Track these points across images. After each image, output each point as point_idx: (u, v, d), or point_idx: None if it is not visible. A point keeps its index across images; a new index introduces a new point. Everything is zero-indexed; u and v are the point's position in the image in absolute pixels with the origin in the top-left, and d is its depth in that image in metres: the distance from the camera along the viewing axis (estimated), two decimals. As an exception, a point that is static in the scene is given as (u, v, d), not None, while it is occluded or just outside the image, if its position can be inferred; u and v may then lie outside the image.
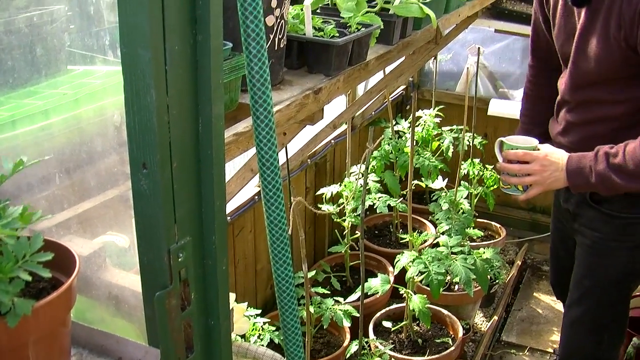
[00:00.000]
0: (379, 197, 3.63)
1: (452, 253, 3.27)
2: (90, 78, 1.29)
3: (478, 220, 4.30)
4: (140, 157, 0.97)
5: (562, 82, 2.52)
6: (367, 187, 3.65)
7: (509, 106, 4.63)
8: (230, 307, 1.14)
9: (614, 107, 2.35)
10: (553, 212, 2.96)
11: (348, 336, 3.32)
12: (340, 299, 3.22)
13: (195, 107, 0.99)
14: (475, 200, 4.07)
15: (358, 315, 2.98)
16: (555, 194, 2.83)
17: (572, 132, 2.50)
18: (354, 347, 3.02)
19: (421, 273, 3.05)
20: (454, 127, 4.29)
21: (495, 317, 4.06)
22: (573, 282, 2.70)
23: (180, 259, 1.03)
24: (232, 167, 2.89)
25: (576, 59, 2.37)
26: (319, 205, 3.59)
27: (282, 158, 2.94)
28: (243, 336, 2.65)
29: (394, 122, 4.24)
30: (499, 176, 2.61)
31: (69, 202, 1.28)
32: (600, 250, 2.56)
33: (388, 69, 3.12)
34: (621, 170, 2.21)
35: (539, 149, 2.42)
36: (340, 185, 3.64)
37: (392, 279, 3.59)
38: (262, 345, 2.70)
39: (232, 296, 2.55)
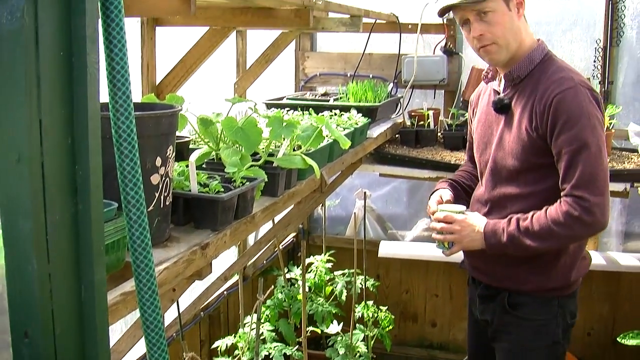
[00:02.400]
0: (275, 347, 3.61)
1: (351, 398, 3.25)
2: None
3: (376, 362, 4.31)
4: (22, 325, 0.97)
5: (478, 188, 2.89)
6: (262, 337, 3.62)
7: (399, 247, 4.75)
8: None
9: (525, 201, 2.64)
10: (469, 333, 3.15)
11: None
12: None
13: (77, 274, 1.00)
14: (372, 342, 4.09)
15: None
16: (469, 312, 3.07)
17: None
18: None
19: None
20: (346, 271, 4.36)
21: None
22: None
23: None
24: (123, 325, 2.85)
25: (495, 156, 2.72)
26: (215, 358, 3.53)
27: (174, 313, 2.91)
28: None
29: (286, 270, 4.28)
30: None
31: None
32: (520, 352, 2.79)
33: (277, 219, 3.17)
34: (527, 232, 2.53)
35: (465, 214, 2.72)
36: (234, 336, 3.60)
37: None
38: None
39: None
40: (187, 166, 2.04)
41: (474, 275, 2.94)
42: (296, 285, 4.19)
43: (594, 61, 4.46)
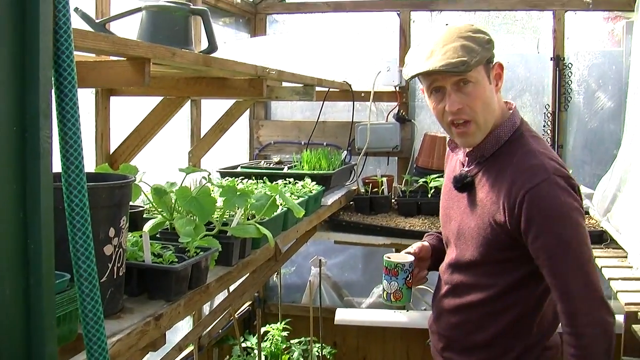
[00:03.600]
0: (231, 417, 3.56)
1: None
2: None
3: None
4: (-31, 403, 0.96)
5: (442, 265, 2.53)
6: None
7: (355, 314, 4.74)
8: None
9: (482, 292, 2.30)
10: None
11: None
12: None
13: (28, 348, 0.98)
14: (329, 412, 4.06)
15: None
16: None
17: (443, 319, 2.45)
18: None
19: None
20: (303, 339, 4.33)
21: None
22: None
23: None
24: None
25: (456, 240, 2.39)
26: None
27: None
28: None
29: (241, 339, 4.23)
30: None
31: None
32: None
33: (232, 287, 3.15)
34: None
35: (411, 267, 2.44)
36: (190, 408, 3.55)
37: None
38: None
39: None
40: (140, 236, 2.04)
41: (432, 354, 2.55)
42: (252, 355, 4.15)
43: (544, 126, 4.59)
